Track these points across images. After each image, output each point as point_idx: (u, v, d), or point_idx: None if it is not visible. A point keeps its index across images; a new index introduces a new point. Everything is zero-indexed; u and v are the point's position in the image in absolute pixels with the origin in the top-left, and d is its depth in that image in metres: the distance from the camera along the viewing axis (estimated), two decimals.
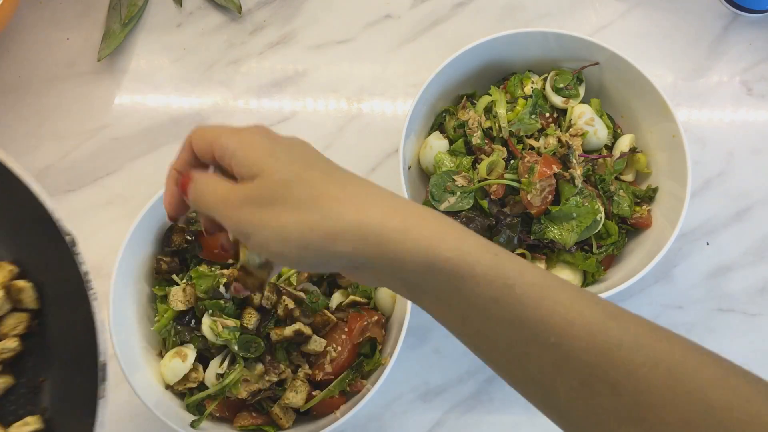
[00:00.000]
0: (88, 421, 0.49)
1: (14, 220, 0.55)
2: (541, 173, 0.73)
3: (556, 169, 0.73)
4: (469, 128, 0.77)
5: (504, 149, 0.76)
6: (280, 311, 0.69)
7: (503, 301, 0.40)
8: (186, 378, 0.69)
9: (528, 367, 0.41)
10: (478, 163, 0.76)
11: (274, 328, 0.69)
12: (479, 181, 0.75)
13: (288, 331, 0.68)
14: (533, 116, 0.77)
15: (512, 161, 0.76)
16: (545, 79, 0.79)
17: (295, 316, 0.68)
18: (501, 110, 0.77)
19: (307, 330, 0.68)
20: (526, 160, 0.74)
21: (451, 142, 0.79)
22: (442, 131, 0.81)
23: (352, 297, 0.72)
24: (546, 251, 0.76)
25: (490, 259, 0.41)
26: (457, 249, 0.41)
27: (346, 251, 0.41)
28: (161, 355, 0.72)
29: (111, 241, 0.75)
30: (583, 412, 0.40)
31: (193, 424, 0.68)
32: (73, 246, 0.51)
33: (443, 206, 0.74)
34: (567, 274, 0.75)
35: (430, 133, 0.81)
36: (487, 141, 0.77)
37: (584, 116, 0.77)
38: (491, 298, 0.40)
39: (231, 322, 0.68)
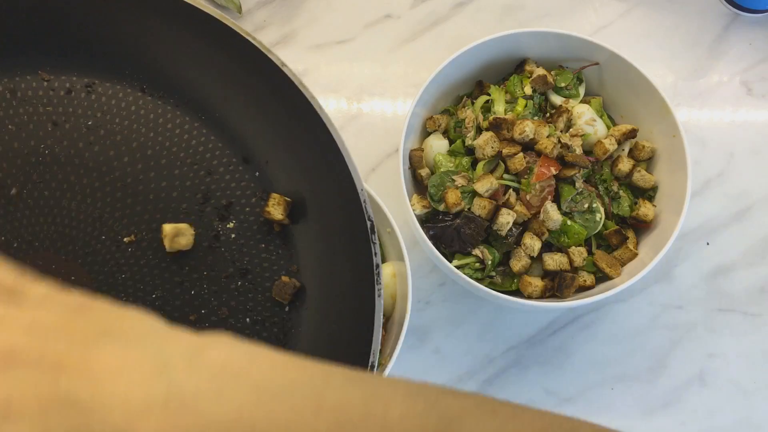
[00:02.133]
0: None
1: (316, 187, 0.53)
2: (539, 174, 0.73)
3: (554, 171, 0.73)
4: (465, 127, 0.77)
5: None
6: None
7: None
8: None
9: None
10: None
11: None
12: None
13: None
14: (536, 117, 0.77)
15: None
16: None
17: None
18: (499, 109, 0.77)
19: None
20: (525, 160, 0.74)
21: (451, 142, 0.79)
22: (443, 131, 0.81)
23: None
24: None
25: None
26: None
27: None
28: None
29: None
30: None
31: None
32: (372, 232, 0.49)
33: (442, 206, 0.74)
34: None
35: (430, 133, 0.81)
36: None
37: (584, 116, 0.77)
38: None
39: None
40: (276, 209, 0.52)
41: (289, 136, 0.54)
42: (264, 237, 0.54)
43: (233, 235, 0.54)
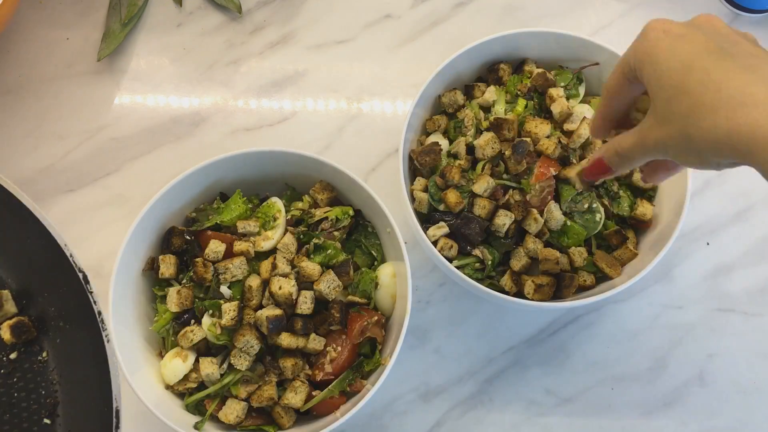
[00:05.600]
0: None
1: (27, 251, 0.54)
2: (539, 175, 0.73)
3: (554, 171, 0.73)
4: (465, 126, 0.77)
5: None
6: None
7: None
8: (186, 378, 0.69)
9: None
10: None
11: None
12: None
13: (294, 342, 0.68)
14: (538, 117, 0.77)
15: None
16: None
17: (297, 328, 0.68)
18: (499, 109, 0.77)
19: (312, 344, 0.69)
20: (525, 161, 0.74)
21: (452, 142, 0.79)
22: (443, 131, 0.81)
23: (351, 297, 0.72)
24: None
25: None
26: None
27: (724, 159, 0.45)
28: (161, 356, 0.72)
29: (111, 241, 0.76)
30: None
31: (197, 426, 0.68)
32: (86, 283, 0.51)
33: (442, 206, 0.74)
34: None
35: (430, 134, 0.81)
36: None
37: (584, 116, 0.77)
38: None
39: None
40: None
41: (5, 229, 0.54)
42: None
43: None
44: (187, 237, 0.72)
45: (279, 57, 0.90)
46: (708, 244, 0.84)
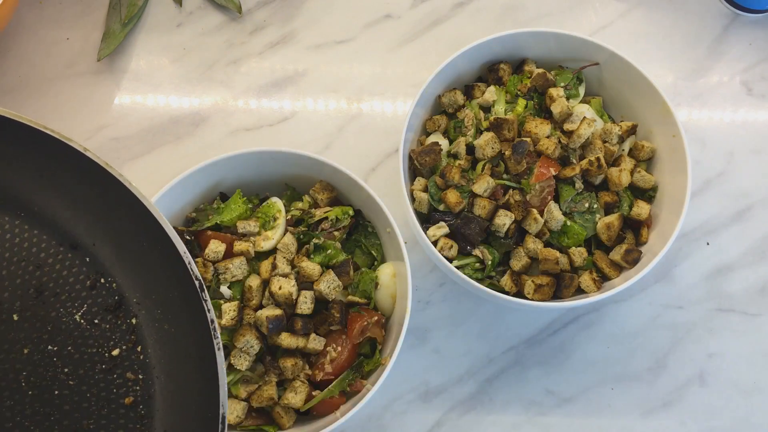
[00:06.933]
0: None
1: (141, 253, 0.54)
2: (539, 175, 0.73)
3: (554, 171, 0.73)
4: (465, 126, 0.78)
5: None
6: None
7: None
8: None
9: None
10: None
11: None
12: None
13: (294, 342, 0.68)
14: (538, 117, 0.77)
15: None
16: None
17: (297, 328, 0.68)
18: (499, 109, 0.77)
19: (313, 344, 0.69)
20: (525, 161, 0.74)
21: (452, 142, 0.79)
22: (443, 131, 0.81)
23: (351, 297, 0.72)
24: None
25: None
26: None
27: None
28: None
29: None
30: None
31: None
32: (201, 291, 0.50)
33: (442, 206, 0.74)
34: None
35: (430, 134, 0.81)
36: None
37: (584, 116, 0.77)
38: None
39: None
40: None
41: (108, 214, 0.54)
42: (104, 317, 0.55)
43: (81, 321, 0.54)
44: (187, 237, 0.72)
45: (279, 57, 0.90)
46: (708, 244, 0.84)
